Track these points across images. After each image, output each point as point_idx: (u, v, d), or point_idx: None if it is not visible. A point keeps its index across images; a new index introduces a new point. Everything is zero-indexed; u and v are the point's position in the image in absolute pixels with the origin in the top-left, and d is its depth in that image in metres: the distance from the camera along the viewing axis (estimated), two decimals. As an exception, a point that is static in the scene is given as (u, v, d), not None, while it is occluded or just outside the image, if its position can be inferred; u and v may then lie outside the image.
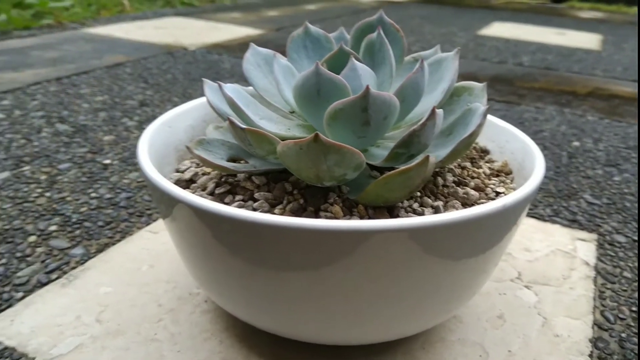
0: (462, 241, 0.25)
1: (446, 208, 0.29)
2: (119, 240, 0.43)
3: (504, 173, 0.35)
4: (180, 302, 0.35)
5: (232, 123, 0.27)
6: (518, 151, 0.35)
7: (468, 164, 0.34)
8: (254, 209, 0.29)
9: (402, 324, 0.29)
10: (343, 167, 0.26)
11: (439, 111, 0.27)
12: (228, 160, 0.32)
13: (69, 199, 0.49)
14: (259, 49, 0.35)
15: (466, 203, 0.30)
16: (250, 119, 0.30)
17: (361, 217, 0.28)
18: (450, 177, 0.31)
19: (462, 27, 1.70)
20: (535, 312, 0.36)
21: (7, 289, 0.36)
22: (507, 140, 0.37)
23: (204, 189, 0.31)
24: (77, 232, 0.44)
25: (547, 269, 0.41)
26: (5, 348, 0.31)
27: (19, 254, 0.40)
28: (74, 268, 0.39)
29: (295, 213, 0.28)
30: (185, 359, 0.31)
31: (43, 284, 0.37)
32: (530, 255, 0.43)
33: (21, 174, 0.53)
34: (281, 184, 0.30)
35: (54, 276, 0.38)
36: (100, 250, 0.41)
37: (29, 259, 0.40)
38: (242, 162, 0.32)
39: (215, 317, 0.34)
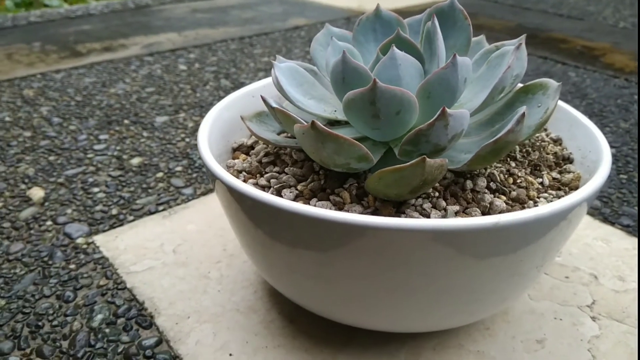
0: (445, 251, 0.24)
1: (460, 214, 0.27)
2: (221, 188, 0.49)
3: (568, 187, 0.31)
4: (240, 251, 0.40)
5: (264, 100, 0.30)
6: (593, 163, 0.30)
7: (520, 171, 0.31)
8: (283, 182, 0.31)
9: (408, 317, 0.29)
10: (343, 157, 0.27)
11: (455, 112, 0.25)
12: (279, 134, 0.35)
13: (201, 146, 0.57)
14: (332, 29, 0.36)
15: (487, 212, 0.28)
16: (292, 97, 0.32)
17: (368, 207, 0.28)
18: (482, 182, 0.29)
19: None
20: (585, 348, 0.32)
21: (124, 211, 0.46)
22: (590, 150, 0.32)
23: (257, 155, 0.35)
24: (194, 175, 0.51)
25: (633, 305, 0.35)
26: (102, 257, 0.40)
27: (144, 185, 0.50)
28: (178, 204, 0.47)
29: (314, 192, 0.30)
30: (222, 299, 0.36)
31: (151, 213, 0.45)
32: (622, 285, 0.37)
33: (175, 120, 0.63)
34: (310, 163, 0.31)
35: (161, 208, 0.46)
36: (204, 194, 0.48)
37: (150, 190, 0.49)
38: (290, 136, 0.35)
39: (262, 271, 0.38)
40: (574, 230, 0.29)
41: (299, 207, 0.25)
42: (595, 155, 0.31)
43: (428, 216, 0.27)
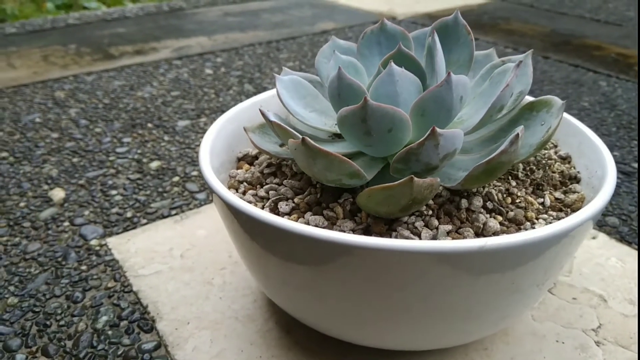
0: (433, 270, 0.24)
1: (453, 234, 0.27)
2: (233, 194, 0.50)
3: (570, 209, 0.30)
4: (245, 258, 0.41)
5: (262, 113, 0.30)
6: (599, 183, 0.29)
7: (520, 191, 0.30)
8: (281, 194, 0.31)
9: (398, 335, 0.29)
10: (335, 173, 0.27)
11: (446, 131, 0.25)
12: (281, 145, 0.35)
13: (218, 151, 0.58)
14: (338, 42, 0.36)
15: (481, 233, 0.27)
16: (292, 110, 0.32)
17: (360, 224, 0.28)
18: (478, 202, 0.28)
19: None
20: (585, 375, 0.31)
21: (139, 214, 0.47)
22: (597, 169, 0.31)
23: (260, 166, 0.35)
24: (209, 180, 0.52)
25: (643, 332, 0.34)
26: (113, 259, 0.41)
27: (160, 189, 0.51)
28: (190, 209, 0.48)
29: (310, 205, 0.30)
30: (222, 306, 0.36)
31: (164, 217, 0.47)
32: (632, 309, 0.36)
33: (196, 124, 0.65)
34: (307, 176, 0.32)
35: (173, 212, 0.47)
36: (216, 199, 0.49)
37: (165, 194, 0.50)
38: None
39: (264, 279, 0.39)
40: (577, 247, 0.28)
41: (286, 223, 0.25)
42: (601, 174, 0.30)
43: (419, 235, 0.27)
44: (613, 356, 0.32)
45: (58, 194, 0.50)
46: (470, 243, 0.23)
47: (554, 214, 0.29)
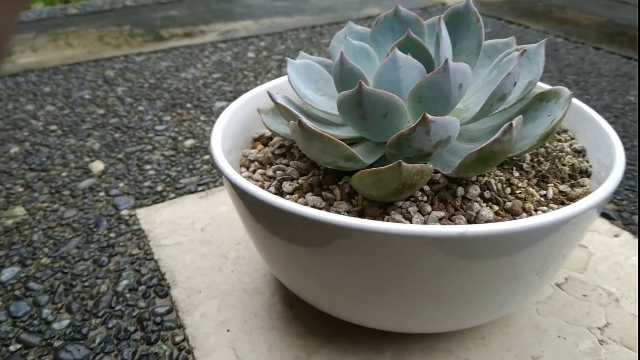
0: (421, 253, 0.25)
1: (445, 220, 0.27)
2: (258, 174, 0.52)
3: (573, 202, 0.29)
4: (261, 236, 0.42)
5: (270, 95, 0.32)
6: (605, 174, 0.29)
7: (522, 182, 0.30)
8: (286, 175, 0.33)
9: (391, 316, 0.30)
10: (330, 155, 0.28)
11: (438, 118, 0.25)
12: (294, 127, 0.36)
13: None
14: (354, 27, 0.37)
15: (473, 221, 0.27)
16: (301, 94, 0.33)
17: (356, 206, 0.29)
18: (475, 190, 0.28)
19: None
20: (582, 371, 0.31)
21: (168, 189, 0.50)
22: (607, 162, 0.30)
23: (273, 147, 0.36)
24: (237, 160, 0.54)
25: (651, 334, 0.33)
26: (140, 229, 0.44)
27: (191, 166, 0.53)
28: (216, 186, 0.50)
29: (312, 186, 0.31)
30: (233, 278, 0.38)
31: (191, 192, 0.49)
32: (645, 311, 0.34)
33: (232, 105, 0.67)
34: (312, 158, 0.33)
35: (200, 188, 0.50)
36: (241, 178, 0.51)
37: (195, 171, 0.52)
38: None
39: (276, 256, 0.40)
40: (580, 237, 0.28)
41: (282, 202, 0.26)
42: (609, 165, 0.29)
43: (410, 220, 0.27)
44: (615, 356, 0.31)
45: (97, 166, 0.54)
46: (451, 229, 0.23)
47: (555, 206, 0.29)
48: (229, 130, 0.36)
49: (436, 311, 0.29)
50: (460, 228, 0.23)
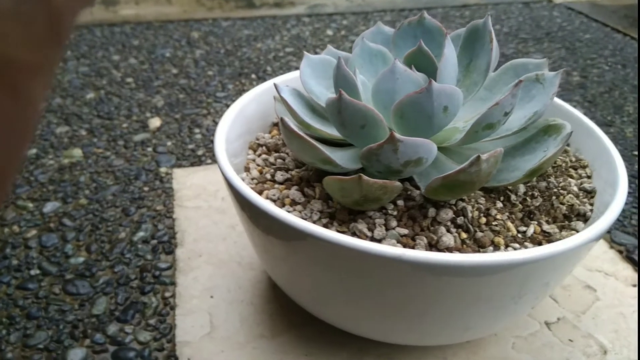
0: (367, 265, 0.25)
1: (406, 238, 0.28)
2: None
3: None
4: (273, 214, 0.45)
5: (276, 87, 0.33)
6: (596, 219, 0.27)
7: (503, 214, 0.29)
8: (283, 165, 0.34)
9: (350, 319, 0.31)
10: (308, 156, 0.29)
11: (408, 139, 0.25)
12: (305, 119, 0.37)
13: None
14: (383, 28, 0.36)
15: (434, 244, 0.27)
16: (309, 89, 0.34)
17: (330, 208, 0.30)
18: (446, 214, 0.28)
19: None
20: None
21: (208, 154, 0.53)
22: (604, 209, 0.28)
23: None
24: (279, 137, 0.57)
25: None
26: (171, 187, 0.48)
27: (234, 136, 0.56)
28: (251, 160, 0.52)
29: (302, 179, 0.33)
30: (234, 249, 0.41)
31: (226, 161, 0.52)
32: (631, 371, 0.32)
33: (293, 82, 0.69)
34: (309, 153, 0.34)
35: (235, 159, 0.52)
36: (277, 156, 0.53)
37: (236, 142, 0.55)
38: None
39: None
40: (560, 272, 0.27)
41: (256, 198, 0.27)
42: (602, 212, 0.28)
43: (372, 231, 0.28)
44: (577, 408, 0.30)
45: (155, 122, 0.58)
46: (388, 250, 0.24)
47: (530, 245, 0.28)
48: (246, 112, 0.38)
49: (390, 322, 0.29)
50: (398, 251, 0.24)
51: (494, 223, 0.29)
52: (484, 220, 0.29)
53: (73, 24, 0.12)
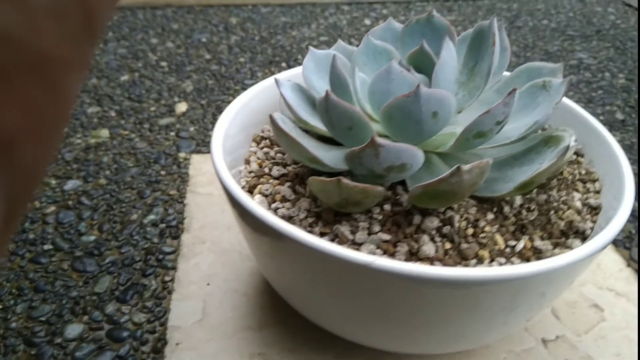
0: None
1: (388, 244, 0.27)
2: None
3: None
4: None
5: (277, 82, 0.33)
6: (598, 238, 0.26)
7: (492, 226, 0.28)
8: (281, 160, 0.34)
9: (332, 321, 0.31)
10: (296, 154, 0.29)
11: (389, 144, 0.25)
12: (310, 114, 0.37)
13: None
14: (394, 24, 0.35)
15: (415, 253, 0.27)
16: (310, 83, 0.34)
17: (318, 207, 0.30)
18: (431, 223, 0.27)
19: None
20: None
21: (226, 142, 0.54)
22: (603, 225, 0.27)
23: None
24: (300, 127, 0.57)
25: None
26: (187, 173, 0.49)
27: (255, 125, 0.57)
28: (268, 149, 0.53)
29: (297, 176, 0.33)
30: (236, 239, 0.41)
31: (244, 150, 0.53)
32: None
33: (323, 72, 0.68)
34: (307, 149, 0.34)
35: (253, 148, 0.53)
36: (294, 147, 0.53)
37: (257, 130, 0.56)
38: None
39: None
40: (557, 287, 0.26)
41: (243, 197, 0.28)
42: (599, 232, 0.26)
43: (354, 234, 0.28)
44: None
45: (181, 107, 0.60)
46: (359, 256, 0.23)
47: (517, 261, 0.27)
48: (253, 105, 0.38)
49: (368, 327, 0.29)
50: (368, 258, 0.23)
51: (481, 235, 0.28)
52: (471, 231, 0.28)
53: (106, 20, 0.12)
